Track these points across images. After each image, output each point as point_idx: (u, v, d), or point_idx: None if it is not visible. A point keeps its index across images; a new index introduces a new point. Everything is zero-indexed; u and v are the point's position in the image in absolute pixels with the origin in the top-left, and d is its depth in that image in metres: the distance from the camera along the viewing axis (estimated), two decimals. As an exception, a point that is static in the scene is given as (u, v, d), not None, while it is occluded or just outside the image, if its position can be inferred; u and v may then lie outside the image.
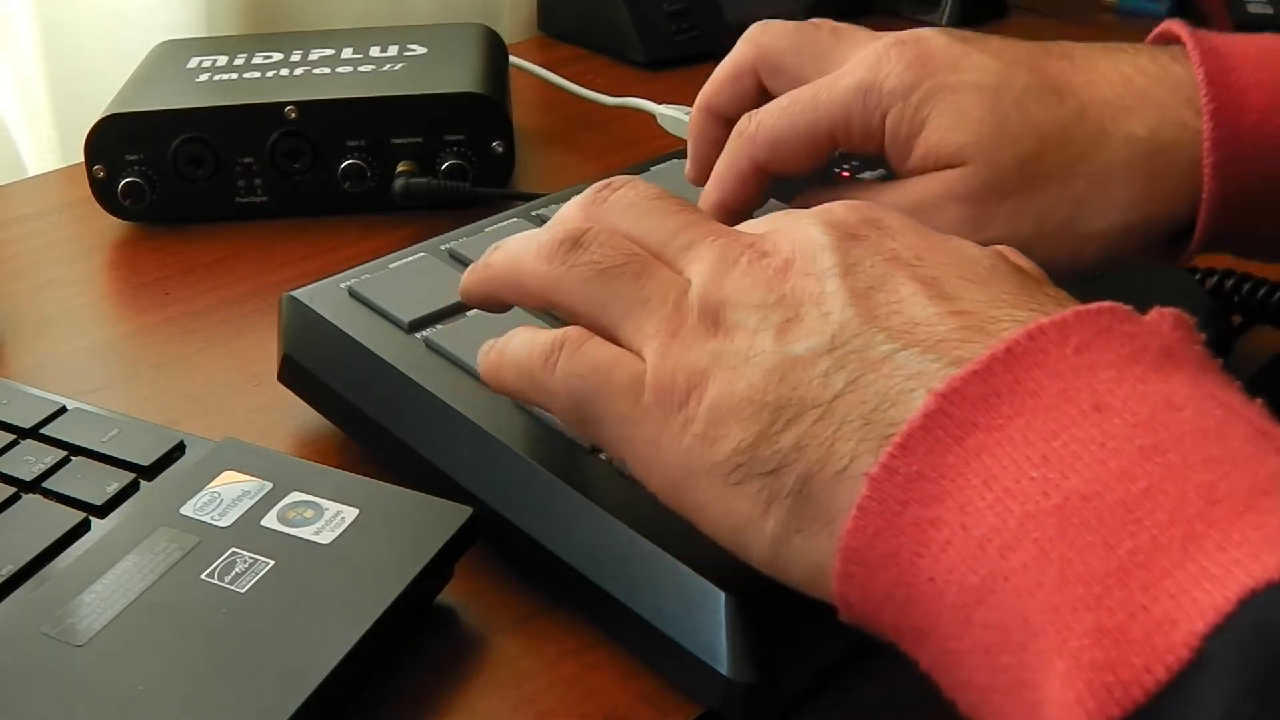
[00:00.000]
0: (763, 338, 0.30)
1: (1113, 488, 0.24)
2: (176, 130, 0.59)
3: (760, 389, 0.29)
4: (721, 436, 0.29)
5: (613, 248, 0.33)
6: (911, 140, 0.40)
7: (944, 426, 0.26)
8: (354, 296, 0.44)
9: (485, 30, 0.71)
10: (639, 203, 0.34)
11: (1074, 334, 0.26)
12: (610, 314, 0.32)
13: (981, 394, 0.26)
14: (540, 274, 0.34)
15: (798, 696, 0.34)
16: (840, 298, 0.29)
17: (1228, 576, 0.22)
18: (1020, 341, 0.26)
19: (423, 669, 0.35)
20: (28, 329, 0.53)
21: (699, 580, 0.33)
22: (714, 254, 0.32)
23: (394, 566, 0.35)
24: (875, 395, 0.27)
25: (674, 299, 0.31)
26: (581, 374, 0.32)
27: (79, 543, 0.36)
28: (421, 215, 0.60)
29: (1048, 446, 0.25)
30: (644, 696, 0.34)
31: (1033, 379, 0.26)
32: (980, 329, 0.28)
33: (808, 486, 0.28)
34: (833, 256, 0.30)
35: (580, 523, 0.36)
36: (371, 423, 0.41)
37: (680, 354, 0.31)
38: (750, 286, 0.31)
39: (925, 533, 0.26)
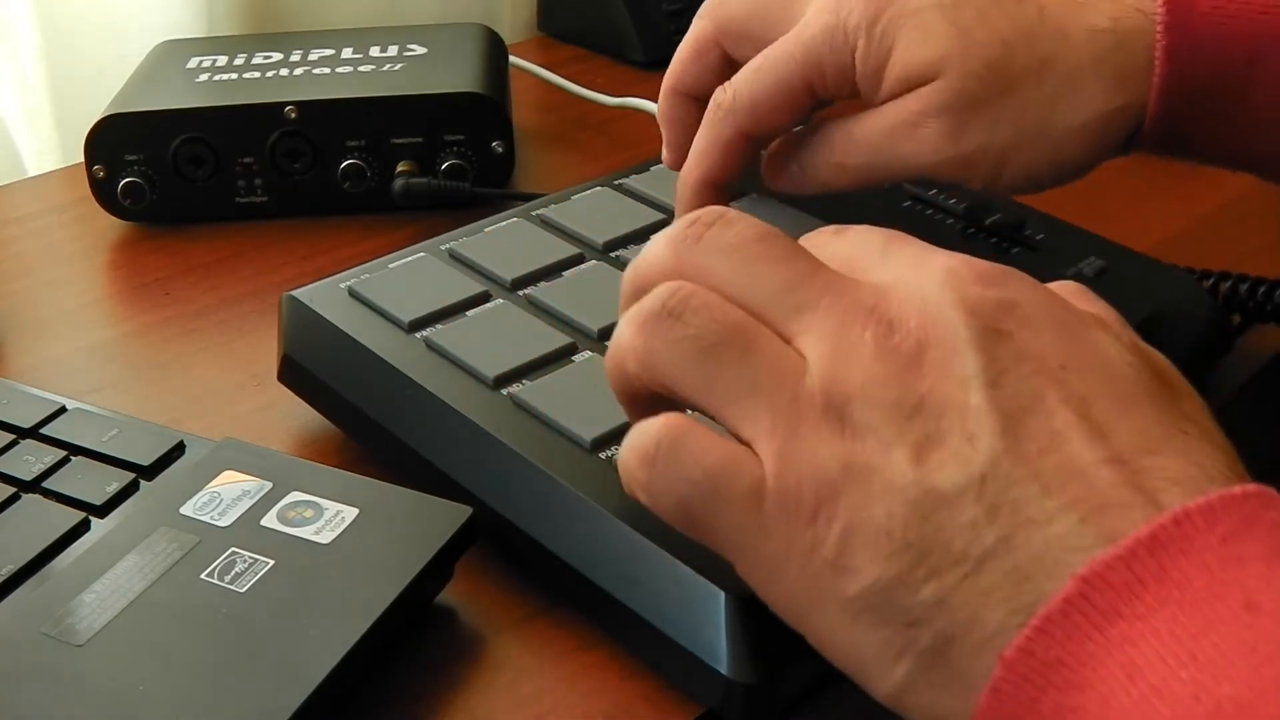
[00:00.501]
0: (899, 455, 0.26)
1: (1268, 699, 0.22)
2: (176, 130, 0.59)
3: (901, 524, 0.26)
4: (855, 570, 0.27)
5: (712, 317, 0.29)
6: (881, 69, 0.40)
7: (1085, 612, 0.24)
8: (354, 296, 0.44)
9: (485, 30, 0.71)
10: (739, 247, 0.30)
11: (1221, 521, 0.25)
12: (715, 398, 0.29)
13: (1125, 581, 0.24)
14: (636, 350, 0.30)
15: (798, 696, 0.34)
16: (987, 420, 0.26)
17: None
18: (1167, 527, 0.24)
19: (423, 669, 0.35)
20: (28, 329, 0.53)
21: (699, 580, 0.33)
22: (832, 324, 0.28)
23: (394, 566, 0.35)
24: (1029, 560, 0.25)
25: (790, 386, 0.28)
26: (691, 480, 0.28)
27: (79, 543, 0.36)
28: (421, 215, 0.60)
29: (1196, 645, 0.23)
30: (644, 696, 0.34)
31: (1179, 569, 0.24)
32: (1137, 486, 0.26)
33: (948, 649, 0.26)
34: (976, 359, 0.27)
35: (580, 523, 0.36)
36: (371, 423, 0.41)
37: (805, 460, 0.27)
38: (881, 381, 0.27)
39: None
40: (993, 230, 0.50)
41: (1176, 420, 0.27)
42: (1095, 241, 0.50)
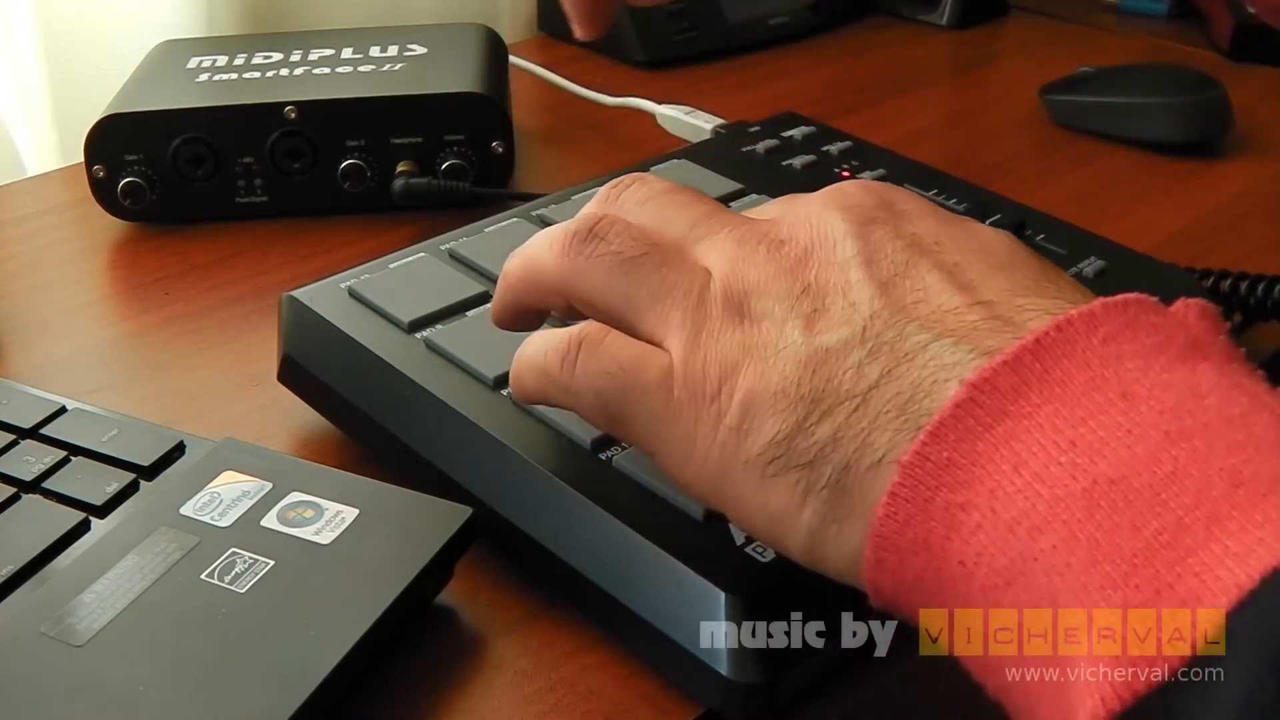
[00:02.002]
0: (791, 328, 0.30)
1: (1139, 471, 0.24)
2: (176, 130, 0.59)
3: (794, 381, 0.29)
4: (756, 429, 0.29)
5: (631, 238, 0.33)
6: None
7: (975, 415, 0.26)
8: (354, 296, 0.44)
9: (485, 30, 0.71)
10: (653, 197, 0.34)
11: (1101, 324, 0.27)
12: (633, 305, 0.32)
13: (1011, 384, 0.26)
14: (558, 268, 0.33)
15: (798, 696, 0.34)
16: (866, 287, 0.30)
17: (1250, 555, 0.22)
18: (1049, 332, 0.27)
19: (423, 669, 0.35)
20: (28, 329, 0.53)
21: (699, 580, 0.33)
22: (731, 243, 0.32)
23: (394, 566, 0.35)
24: (910, 386, 0.28)
25: (697, 290, 0.31)
26: (608, 371, 0.32)
27: (79, 543, 0.36)
28: (421, 215, 0.60)
29: (1075, 433, 0.25)
30: (644, 696, 0.34)
31: (1061, 368, 0.26)
32: (1007, 319, 0.28)
33: (844, 477, 0.28)
34: (854, 244, 0.31)
35: (580, 523, 0.36)
36: (371, 423, 0.41)
37: (709, 346, 0.30)
38: (773, 275, 0.31)
39: (956, 517, 0.26)
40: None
41: (1050, 278, 0.30)
42: (1095, 241, 0.50)
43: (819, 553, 0.29)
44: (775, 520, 0.30)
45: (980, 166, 0.66)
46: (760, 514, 0.30)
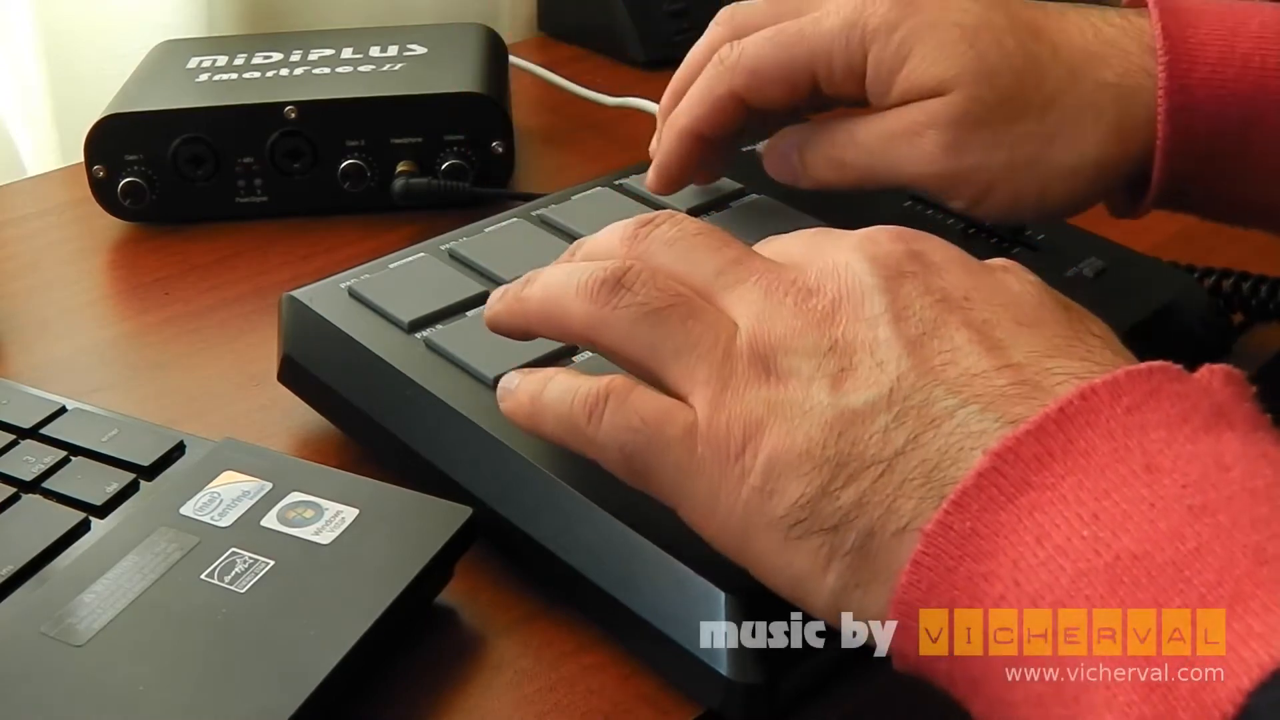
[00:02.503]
0: (818, 388, 0.29)
1: (1163, 547, 0.24)
2: (176, 130, 0.59)
3: (820, 443, 0.29)
4: (780, 491, 0.29)
5: (657, 288, 0.32)
6: (894, 75, 0.41)
7: (998, 485, 0.26)
8: (354, 296, 0.44)
9: (485, 30, 0.71)
10: (682, 239, 0.34)
11: (1125, 394, 0.27)
12: (659, 358, 0.32)
13: (1035, 453, 0.26)
14: (583, 314, 0.33)
15: (798, 696, 0.34)
16: (894, 347, 0.29)
17: (1274, 635, 0.22)
18: (1073, 401, 0.26)
19: (423, 669, 0.35)
20: (28, 329, 0.53)
21: (699, 580, 0.33)
22: (758, 293, 0.32)
23: (394, 567, 0.35)
24: (936, 453, 0.28)
25: (723, 344, 0.31)
26: (632, 428, 0.31)
27: (79, 543, 0.36)
28: (421, 215, 0.60)
29: (1099, 505, 0.25)
30: (644, 696, 0.34)
31: (1085, 439, 0.26)
32: (1035, 384, 0.28)
33: (869, 543, 0.28)
34: (882, 300, 0.30)
35: (580, 523, 0.36)
36: (371, 423, 0.41)
37: (734, 403, 0.30)
38: (800, 331, 0.30)
39: (979, 587, 0.26)
40: (993, 230, 0.50)
41: (1079, 335, 0.30)
42: (1095, 241, 0.50)
43: (844, 614, 0.29)
44: (798, 581, 0.30)
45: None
46: (784, 574, 0.30)
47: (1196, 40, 0.40)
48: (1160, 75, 0.40)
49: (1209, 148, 0.41)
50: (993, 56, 0.41)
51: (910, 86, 0.41)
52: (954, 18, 0.41)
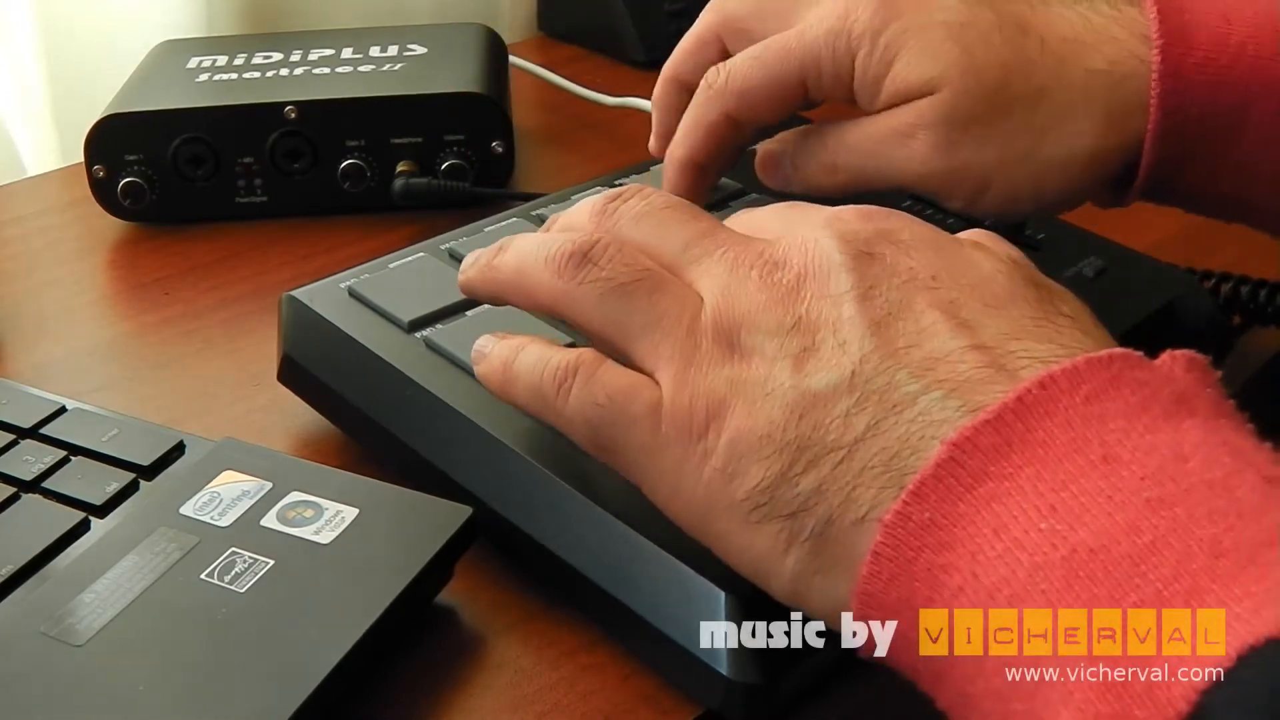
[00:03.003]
0: (780, 368, 0.29)
1: (1119, 541, 0.24)
2: (176, 130, 0.59)
3: (780, 426, 0.29)
4: (741, 473, 0.29)
5: (624, 263, 0.32)
6: (881, 79, 0.41)
7: (956, 475, 0.26)
8: (354, 296, 0.44)
9: (485, 30, 0.71)
10: (650, 213, 0.34)
11: (1085, 382, 0.26)
12: (623, 332, 0.32)
13: (993, 443, 0.26)
14: (550, 287, 0.33)
15: (798, 696, 0.34)
16: (858, 326, 0.29)
17: (1228, 632, 0.22)
18: (1031, 390, 0.26)
19: (423, 669, 0.35)
20: (28, 329, 0.53)
21: (699, 580, 0.33)
22: (724, 267, 0.32)
23: (394, 566, 0.35)
24: (896, 441, 0.27)
25: (688, 319, 0.31)
26: (598, 403, 0.32)
27: (79, 543, 0.36)
28: (421, 215, 0.60)
29: (1056, 497, 0.25)
30: (644, 696, 0.34)
31: (1043, 428, 0.26)
32: (1000, 366, 0.28)
33: (828, 530, 0.28)
34: (849, 278, 0.30)
35: (580, 523, 0.36)
36: (371, 423, 0.41)
37: (697, 381, 0.30)
38: (764, 306, 0.30)
39: (938, 579, 0.26)
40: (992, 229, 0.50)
41: (1048, 314, 0.29)
42: (1095, 241, 0.50)
43: (802, 598, 0.30)
44: (758, 562, 0.30)
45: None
46: (744, 555, 0.30)
47: (1192, 26, 0.40)
48: (1154, 60, 0.40)
49: (1200, 135, 0.41)
50: (979, 52, 0.41)
51: (898, 88, 0.41)
52: (939, 17, 0.41)
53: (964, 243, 0.32)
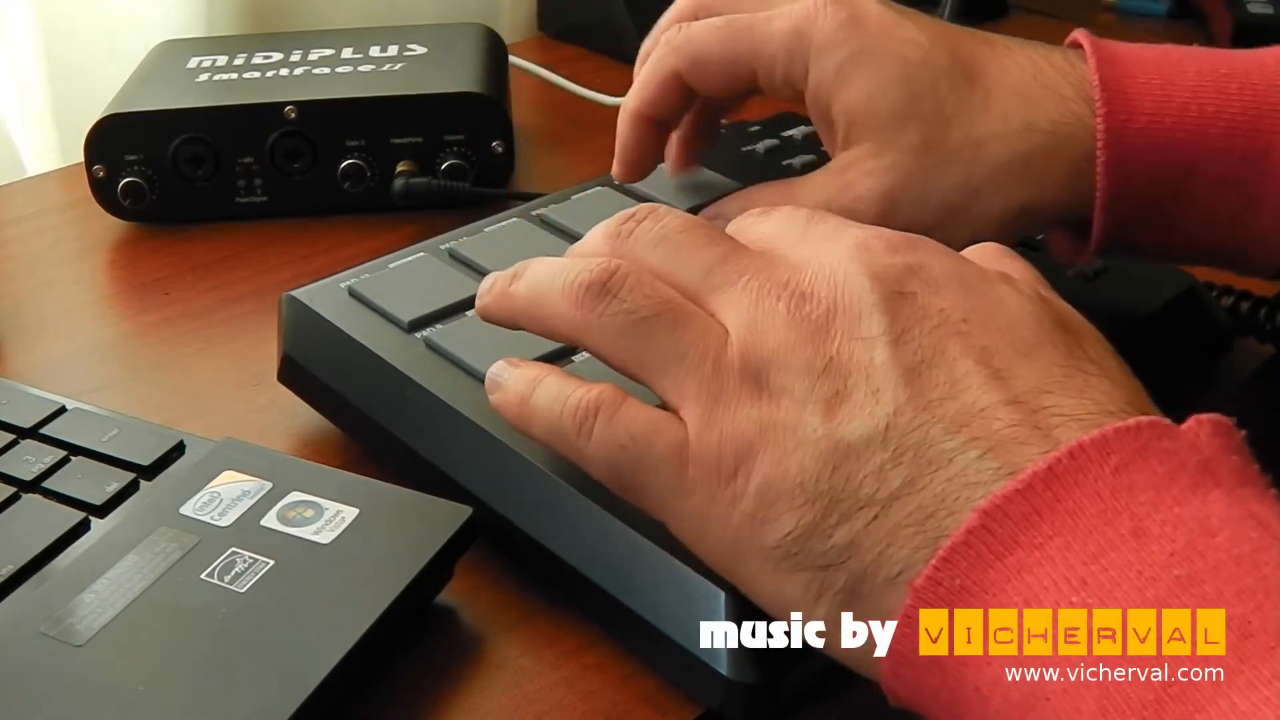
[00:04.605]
0: (811, 412, 0.29)
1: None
2: (176, 130, 0.59)
3: (814, 476, 0.28)
4: (773, 520, 0.29)
5: (644, 295, 0.31)
6: (832, 98, 0.42)
7: (986, 542, 0.26)
8: (354, 296, 0.44)
9: (485, 30, 0.71)
10: (668, 236, 0.33)
11: (1114, 452, 0.26)
12: (645, 367, 0.31)
13: (1023, 512, 0.26)
14: (569, 318, 0.32)
15: (798, 696, 0.34)
16: (891, 374, 0.28)
17: (1256, 714, 0.22)
18: (1061, 460, 0.26)
19: (423, 669, 0.35)
20: (28, 329, 0.53)
21: (699, 580, 0.33)
22: (749, 297, 0.31)
23: (394, 566, 0.35)
24: (933, 499, 0.27)
25: (713, 355, 0.30)
26: (621, 444, 0.31)
27: (79, 543, 0.36)
28: (421, 215, 0.60)
29: (1087, 570, 0.25)
30: (644, 696, 0.34)
31: (1073, 499, 0.26)
32: (1034, 425, 0.27)
33: (860, 587, 0.28)
34: (881, 320, 0.29)
35: (580, 523, 0.36)
36: (371, 423, 0.41)
37: (725, 421, 0.30)
38: (793, 345, 0.29)
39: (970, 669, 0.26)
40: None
41: (1077, 362, 0.29)
42: (1095, 241, 0.50)
43: (832, 646, 0.29)
44: (789, 608, 0.30)
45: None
46: (774, 600, 0.30)
47: (1134, 90, 0.41)
48: (1098, 126, 0.40)
49: (1148, 197, 0.41)
50: (924, 100, 0.41)
51: (843, 114, 0.42)
52: (897, 49, 0.42)
53: (991, 278, 0.31)
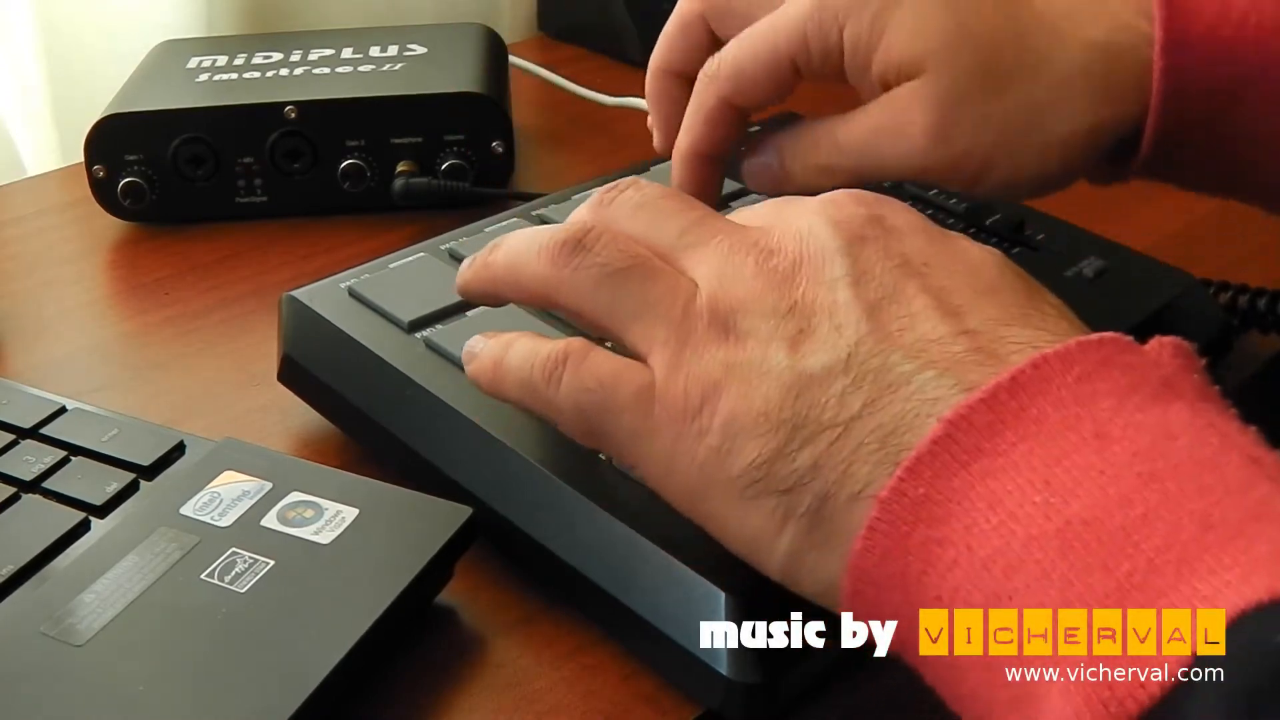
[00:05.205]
0: (776, 349, 0.30)
1: (1112, 513, 0.25)
2: (176, 130, 0.59)
3: (776, 405, 0.29)
4: (737, 450, 0.29)
5: (618, 249, 0.32)
6: (872, 51, 0.40)
7: (951, 451, 0.26)
8: (354, 296, 0.44)
9: (485, 30, 0.71)
10: (645, 203, 0.34)
11: (1076, 363, 0.27)
12: (616, 318, 0.32)
13: (987, 421, 0.26)
14: (543, 276, 0.33)
15: (798, 696, 0.34)
16: (853, 310, 0.29)
17: (1219, 597, 0.23)
18: (1025, 370, 0.27)
19: (423, 669, 0.35)
20: (28, 329, 0.53)
21: (699, 580, 0.33)
22: (719, 254, 0.32)
23: (394, 566, 0.35)
24: (892, 419, 0.28)
25: (682, 303, 0.31)
26: (588, 388, 0.32)
27: (79, 543, 0.36)
28: (421, 215, 0.60)
29: (1050, 472, 0.25)
30: (644, 696, 0.34)
31: (1036, 407, 0.26)
32: (990, 351, 0.28)
33: (824, 506, 0.28)
34: (843, 263, 0.30)
35: (580, 523, 0.36)
36: (371, 423, 0.41)
37: (692, 363, 0.30)
38: (760, 292, 0.30)
39: (932, 553, 0.26)
40: (993, 230, 0.50)
41: (1036, 304, 0.30)
42: (1095, 241, 0.50)
43: (795, 576, 0.30)
44: (752, 540, 0.30)
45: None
46: (738, 533, 0.30)
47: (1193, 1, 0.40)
48: (1157, 32, 0.39)
49: (1202, 108, 0.40)
50: (972, 23, 0.39)
51: (890, 61, 0.39)
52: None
53: (953, 235, 0.33)
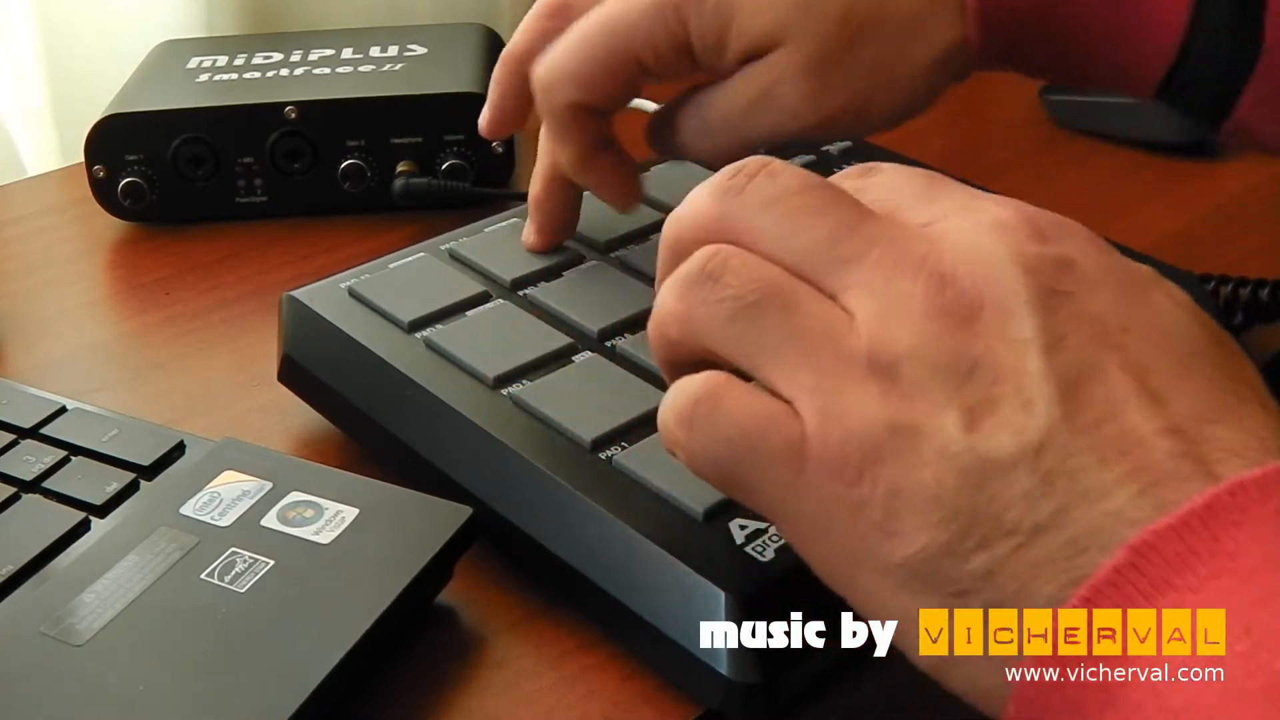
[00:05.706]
0: (950, 419, 0.25)
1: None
2: (176, 130, 0.59)
3: (952, 491, 0.25)
4: (903, 535, 0.26)
5: (748, 275, 0.28)
6: (724, 36, 0.39)
7: (1134, 582, 0.24)
8: (354, 296, 0.44)
9: (485, 30, 0.71)
10: (781, 199, 0.28)
11: (1275, 493, 0.24)
12: (756, 358, 0.28)
13: (1178, 551, 0.23)
14: (676, 315, 0.29)
15: (798, 696, 0.34)
16: (1045, 387, 0.25)
17: None
18: (1221, 497, 0.24)
19: (423, 669, 0.35)
20: (28, 329, 0.53)
21: (699, 580, 0.33)
22: (880, 276, 0.27)
23: (394, 566, 0.35)
24: (1085, 534, 0.24)
25: (834, 343, 0.27)
26: (728, 440, 0.27)
27: (79, 543, 0.36)
28: (421, 215, 0.60)
29: (1251, 618, 0.23)
30: (644, 696, 0.34)
31: (1232, 540, 0.23)
32: (1196, 458, 0.25)
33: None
34: (1033, 322, 0.26)
35: (580, 523, 0.36)
36: (371, 423, 0.41)
37: (850, 418, 0.26)
38: (934, 339, 0.26)
39: (1112, 693, 0.24)
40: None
41: (1234, 386, 0.26)
42: (1095, 241, 0.50)
43: (945, 674, 0.27)
44: (904, 631, 0.27)
45: (980, 166, 0.66)
46: (887, 616, 0.27)
47: None
48: None
49: (1022, 14, 0.40)
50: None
51: (745, 48, 0.39)
52: None
53: (1145, 278, 0.28)
